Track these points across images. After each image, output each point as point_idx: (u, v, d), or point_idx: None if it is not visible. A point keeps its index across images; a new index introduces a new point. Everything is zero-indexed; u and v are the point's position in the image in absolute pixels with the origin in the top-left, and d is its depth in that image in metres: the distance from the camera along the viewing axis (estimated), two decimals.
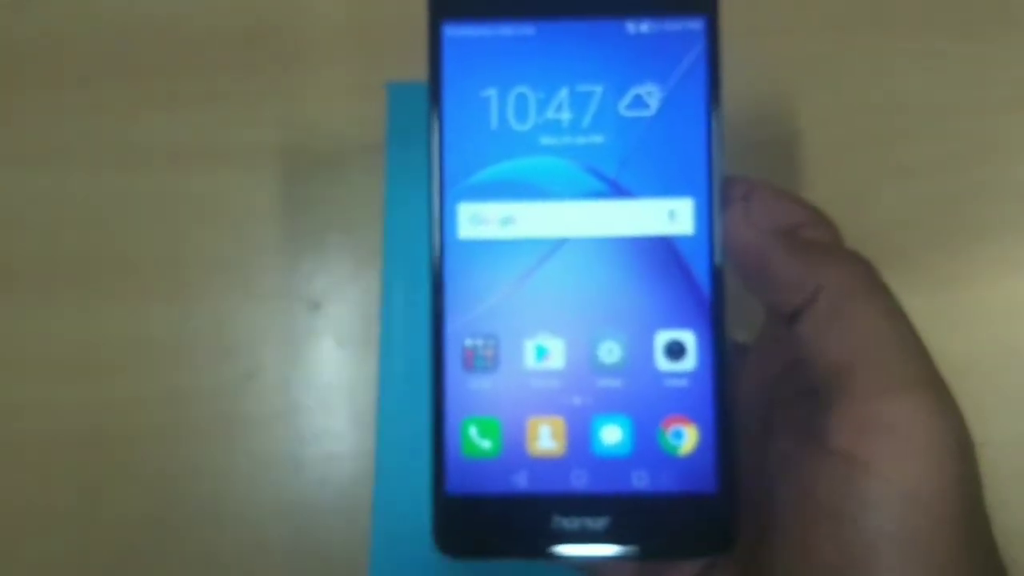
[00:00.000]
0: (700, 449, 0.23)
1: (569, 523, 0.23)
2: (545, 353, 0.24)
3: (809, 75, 0.36)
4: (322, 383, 0.35)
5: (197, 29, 0.37)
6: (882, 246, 0.35)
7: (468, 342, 0.24)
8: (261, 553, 0.34)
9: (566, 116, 0.24)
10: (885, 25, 0.37)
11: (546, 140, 0.24)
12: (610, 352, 0.24)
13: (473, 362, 0.24)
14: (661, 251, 0.24)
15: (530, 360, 0.24)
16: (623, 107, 0.24)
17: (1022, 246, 0.35)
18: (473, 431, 0.24)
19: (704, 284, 0.24)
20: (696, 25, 0.24)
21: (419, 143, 0.25)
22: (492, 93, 0.24)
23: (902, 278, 0.35)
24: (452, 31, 0.24)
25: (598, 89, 0.24)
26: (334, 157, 0.36)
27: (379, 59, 0.36)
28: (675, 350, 0.24)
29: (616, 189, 0.24)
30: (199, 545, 0.35)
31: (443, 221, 0.24)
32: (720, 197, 0.24)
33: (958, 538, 0.20)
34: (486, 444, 0.24)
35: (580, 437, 0.24)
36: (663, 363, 0.24)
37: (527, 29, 0.24)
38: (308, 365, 0.35)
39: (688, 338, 0.24)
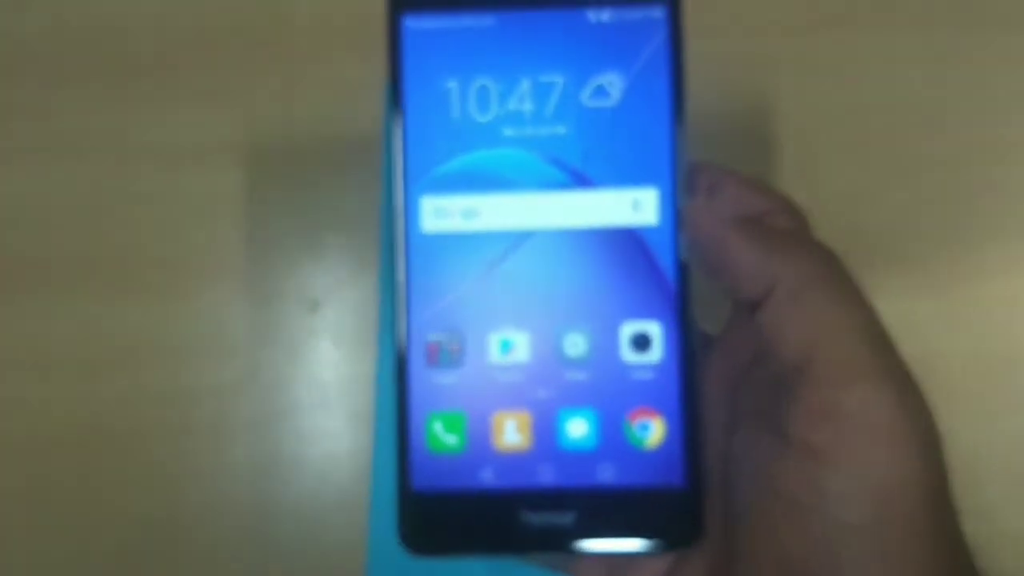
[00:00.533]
0: (667, 442, 0.23)
1: (536, 518, 0.23)
2: (510, 347, 0.24)
3: (810, 74, 0.36)
4: (320, 383, 0.35)
5: (193, 27, 0.37)
6: (883, 246, 0.36)
7: (432, 336, 0.24)
8: (260, 552, 0.35)
9: (528, 107, 0.24)
10: (887, 23, 0.36)
11: (509, 132, 0.24)
12: (575, 345, 0.24)
13: (438, 357, 0.24)
14: (625, 242, 0.24)
15: (495, 354, 0.24)
16: (585, 97, 0.24)
17: (1022, 245, 0.35)
18: (438, 426, 0.24)
19: (669, 275, 0.23)
20: (658, 14, 0.24)
21: None
22: (453, 85, 0.24)
23: (903, 278, 0.36)
24: (412, 23, 0.24)
25: (560, 80, 0.24)
26: (332, 156, 0.36)
27: (377, 57, 0.36)
28: (641, 342, 0.23)
29: (579, 180, 0.24)
30: (198, 544, 0.35)
31: (406, 214, 0.24)
32: (684, 187, 0.23)
33: (920, 529, 0.20)
34: (451, 439, 0.24)
35: (546, 431, 0.23)
36: (629, 355, 0.23)
37: (487, 20, 0.24)
38: (306, 365, 0.35)
39: (654, 329, 0.23)
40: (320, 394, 0.35)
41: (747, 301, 0.22)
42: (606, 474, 0.23)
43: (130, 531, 0.35)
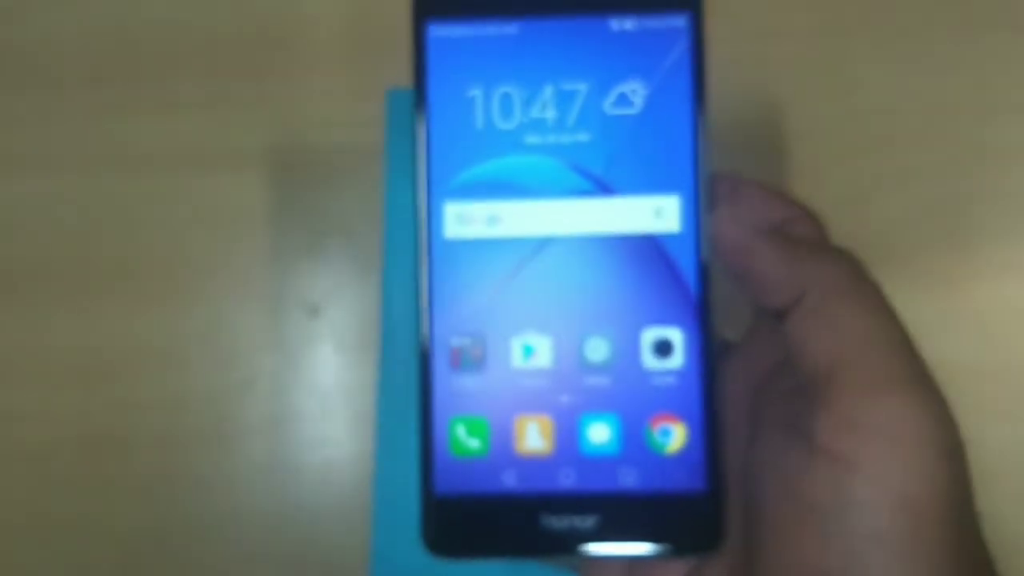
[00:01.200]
0: (688, 447, 0.23)
1: (557, 522, 0.23)
2: (532, 352, 0.24)
3: (808, 79, 0.36)
4: (321, 388, 0.35)
5: (195, 34, 0.37)
6: (881, 249, 0.35)
7: (455, 341, 0.24)
8: (261, 559, 0.35)
9: (551, 115, 0.24)
10: (884, 28, 0.36)
11: (531, 139, 0.24)
12: (597, 350, 0.24)
13: (460, 361, 0.24)
14: (648, 249, 0.24)
15: (517, 359, 0.24)
16: (608, 105, 0.24)
17: (1022, 249, 0.35)
18: (461, 430, 0.24)
19: (691, 282, 0.24)
20: (680, 22, 0.24)
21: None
22: (477, 92, 0.24)
23: (901, 281, 0.35)
24: (436, 31, 0.24)
25: (583, 87, 0.24)
26: (333, 162, 0.36)
27: (378, 64, 0.36)
28: (662, 348, 0.24)
29: (602, 187, 0.24)
30: (198, 552, 0.35)
31: (430, 221, 0.24)
32: (707, 194, 0.24)
33: (945, 539, 0.20)
34: (474, 443, 0.24)
35: (568, 436, 0.24)
36: (650, 361, 0.24)
37: (511, 28, 0.24)
38: (307, 370, 0.35)
39: (675, 336, 0.24)
40: (321, 400, 0.35)
41: (773, 310, 0.22)
42: (627, 479, 0.23)
43: (130, 537, 0.35)
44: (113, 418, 0.35)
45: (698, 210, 0.24)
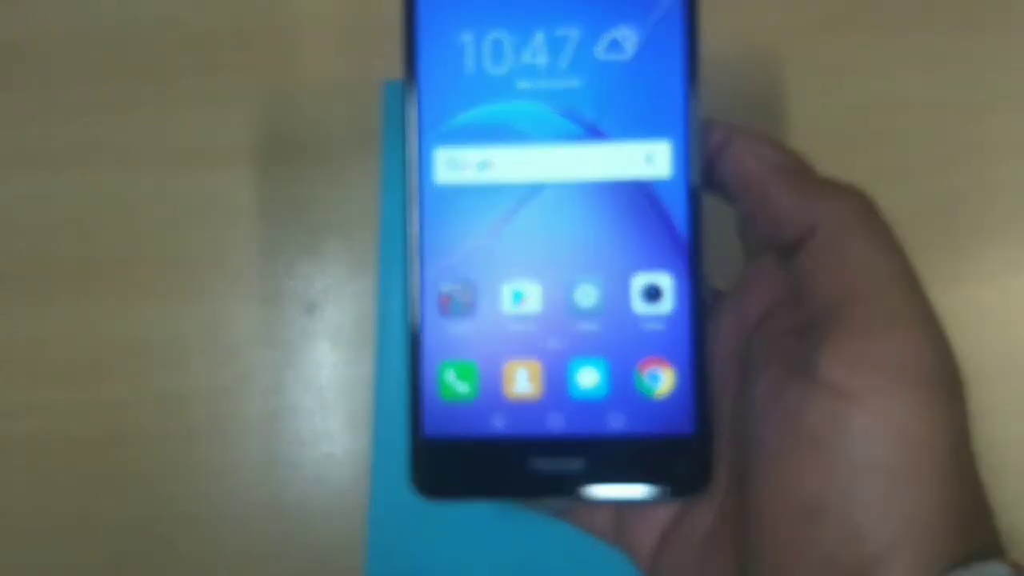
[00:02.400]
0: (676, 391, 0.23)
1: (546, 465, 0.23)
2: (522, 297, 0.24)
3: (804, 74, 0.36)
4: (318, 385, 0.35)
5: (191, 29, 0.37)
6: None
7: (445, 287, 0.24)
8: (257, 555, 0.35)
9: (542, 60, 0.24)
10: (883, 23, 0.36)
11: (522, 84, 0.24)
12: (587, 296, 0.24)
13: (450, 307, 0.24)
14: (638, 195, 0.24)
15: (507, 304, 0.24)
16: (600, 51, 0.24)
17: (1019, 245, 0.35)
18: (450, 375, 0.24)
19: (681, 227, 0.24)
20: None
21: None
22: (468, 38, 0.24)
23: None
24: None
25: (574, 33, 0.24)
26: (330, 158, 0.36)
27: (374, 57, 0.36)
28: (652, 293, 0.24)
29: (593, 133, 0.24)
30: (195, 547, 0.35)
31: (420, 166, 0.24)
32: (698, 140, 0.24)
33: (944, 472, 0.20)
34: (463, 388, 0.24)
35: (557, 380, 0.24)
36: (640, 306, 0.24)
37: None
38: (304, 367, 0.35)
39: (665, 281, 0.24)
40: (318, 396, 0.35)
41: (783, 245, 0.22)
42: (616, 423, 0.24)
43: (126, 533, 0.35)
44: (110, 414, 0.35)
45: (689, 156, 0.24)
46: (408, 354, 0.24)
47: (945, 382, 0.20)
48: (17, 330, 0.36)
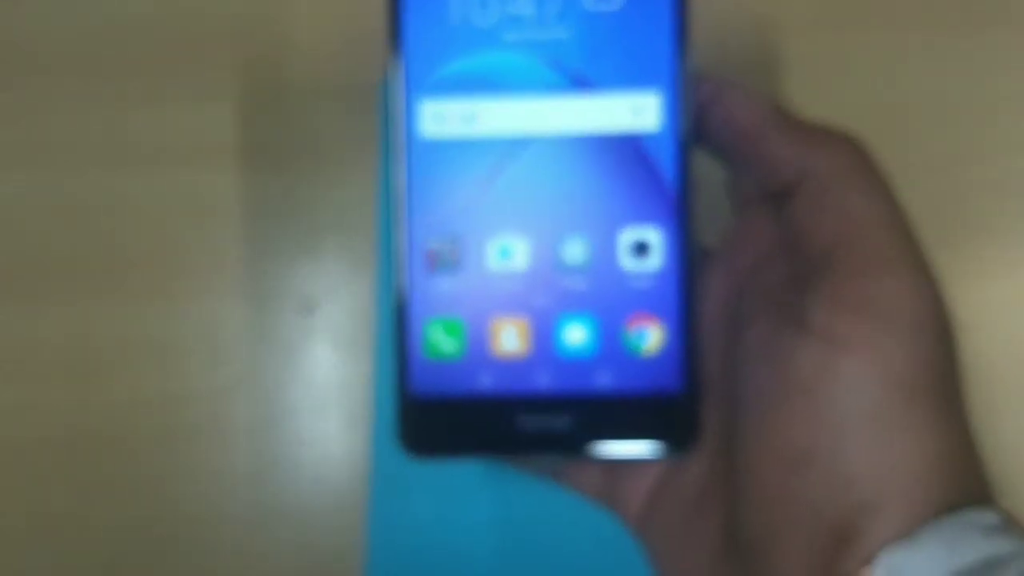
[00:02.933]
0: (665, 348, 0.23)
1: (533, 422, 0.23)
2: (509, 253, 0.24)
3: (813, 73, 0.35)
4: (317, 386, 0.35)
5: (189, 26, 0.36)
6: None
7: (431, 243, 0.24)
8: (256, 557, 0.34)
9: (529, 11, 0.23)
10: (888, 21, 0.36)
11: (509, 36, 0.23)
12: (574, 252, 0.24)
13: (436, 263, 0.24)
14: (626, 149, 0.23)
15: (494, 261, 0.24)
16: (588, 1, 0.23)
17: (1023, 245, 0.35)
18: (437, 332, 0.24)
19: (669, 182, 0.23)
20: None
21: None
22: None
23: None
24: None
25: None
26: (329, 157, 0.36)
27: (374, 57, 0.35)
28: (640, 248, 0.23)
29: (581, 84, 0.23)
30: (192, 549, 0.34)
31: (407, 120, 0.24)
32: (688, 93, 0.23)
33: (934, 416, 0.20)
34: (450, 345, 0.24)
35: (544, 337, 0.23)
36: (628, 262, 0.23)
37: None
38: (302, 368, 0.35)
39: (653, 236, 0.23)
40: (316, 397, 0.35)
41: (776, 191, 0.22)
42: (603, 380, 0.23)
43: (124, 535, 0.34)
44: (105, 415, 0.35)
45: (677, 109, 0.23)
46: (394, 311, 0.24)
47: (935, 326, 0.20)
48: (11, 329, 0.35)
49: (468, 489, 0.33)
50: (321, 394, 0.35)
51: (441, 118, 0.24)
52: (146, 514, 0.35)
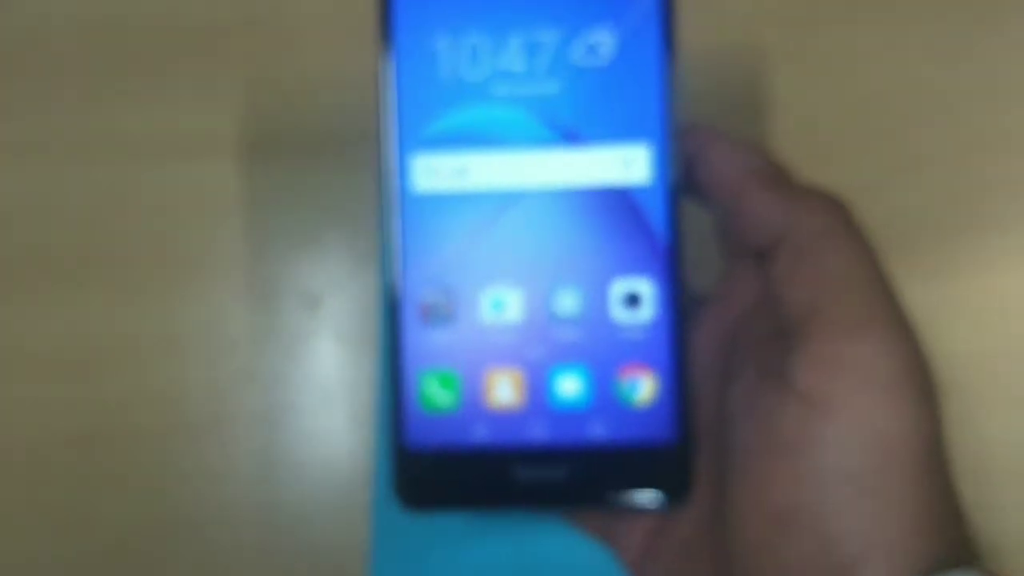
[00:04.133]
0: (658, 399, 0.23)
1: (528, 474, 0.23)
2: (502, 305, 0.24)
3: (812, 67, 0.36)
4: (320, 382, 0.35)
5: (192, 21, 0.36)
6: (887, 239, 0.35)
7: (425, 295, 0.24)
8: (259, 552, 0.34)
9: (519, 65, 0.24)
10: (896, 14, 0.36)
11: (500, 90, 0.24)
12: (566, 303, 0.24)
13: (430, 315, 0.24)
14: (617, 200, 0.24)
15: (487, 312, 0.24)
16: (577, 55, 0.24)
17: None
18: (432, 384, 0.24)
19: (660, 233, 0.23)
20: None
21: None
22: (444, 42, 0.24)
23: (907, 271, 0.34)
24: None
25: (551, 37, 0.24)
26: (332, 153, 0.36)
27: (374, 51, 0.36)
28: (631, 299, 0.24)
29: (571, 138, 0.24)
30: (195, 544, 0.34)
31: (398, 173, 0.24)
32: (676, 146, 0.23)
33: (915, 478, 0.20)
34: (445, 397, 0.24)
35: (538, 388, 0.24)
36: (619, 313, 0.24)
37: None
38: (306, 364, 0.35)
39: (644, 287, 0.24)
40: (320, 393, 0.35)
41: (758, 249, 0.22)
42: (597, 430, 0.24)
43: (127, 531, 0.35)
44: (108, 410, 0.35)
45: (667, 161, 0.23)
46: (389, 363, 0.24)
47: (916, 385, 0.20)
48: (13, 325, 0.35)
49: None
50: (324, 390, 0.35)
51: (433, 172, 0.24)
52: (148, 509, 0.35)
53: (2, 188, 0.36)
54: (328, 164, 0.36)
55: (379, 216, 0.35)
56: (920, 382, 0.20)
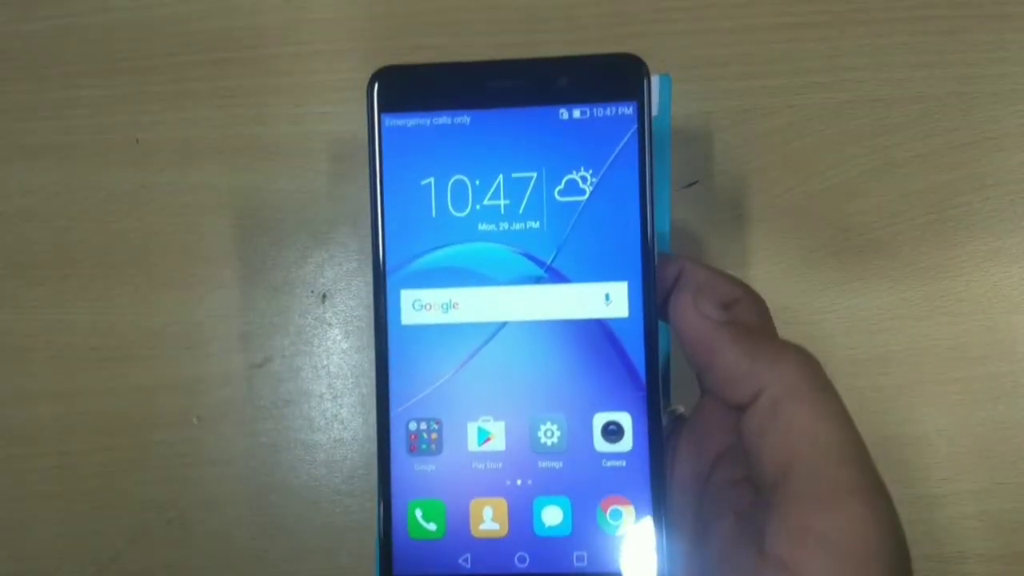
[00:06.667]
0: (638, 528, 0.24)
1: None
2: (487, 436, 0.24)
3: (801, 71, 0.37)
4: (330, 371, 0.37)
5: (206, 26, 0.38)
6: (872, 237, 0.36)
7: (412, 426, 0.25)
8: (272, 534, 0.37)
9: (503, 203, 0.25)
10: (873, 19, 0.37)
11: (484, 226, 0.25)
12: (550, 434, 0.24)
13: (417, 445, 0.25)
14: (598, 334, 0.24)
15: (472, 443, 0.24)
16: (558, 192, 0.25)
17: (1009, 236, 0.36)
18: (419, 513, 0.24)
19: (639, 366, 0.24)
20: (627, 110, 0.24)
21: None
22: (431, 181, 0.25)
23: (891, 270, 0.37)
24: (391, 121, 0.25)
25: (533, 176, 0.25)
26: (341, 151, 0.38)
27: (384, 53, 0.38)
28: (613, 431, 0.24)
29: (553, 274, 0.24)
30: (208, 527, 0.37)
31: (387, 307, 0.25)
32: (654, 279, 0.24)
33: None
34: (431, 526, 0.24)
35: (522, 518, 0.24)
36: (601, 444, 0.24)
37: (463, 118, 0.25)
38: (316, 354, 0.37)
39: (625, 420, 0.24)
40: (329, 383, 0.37)
41: (732, 404, 0.23)
42: (579, 561, 0.24)
43: (144, 514, 0.37)
44: (127, 399, 0.37)
45: (647, 295, 0.24)
46: (378, 493, 0.25)
47: (889, 558, 0.20)
48: (42, 316, 0.38)
49: None
50: (333, 380, 0.37)
51: (420, 306, 0.25)
52: (164, 493, 0.37)
53: (25, 186, 0.38)
54: (338, 164, 0.38)
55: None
56: (892, 553, 0.20)
